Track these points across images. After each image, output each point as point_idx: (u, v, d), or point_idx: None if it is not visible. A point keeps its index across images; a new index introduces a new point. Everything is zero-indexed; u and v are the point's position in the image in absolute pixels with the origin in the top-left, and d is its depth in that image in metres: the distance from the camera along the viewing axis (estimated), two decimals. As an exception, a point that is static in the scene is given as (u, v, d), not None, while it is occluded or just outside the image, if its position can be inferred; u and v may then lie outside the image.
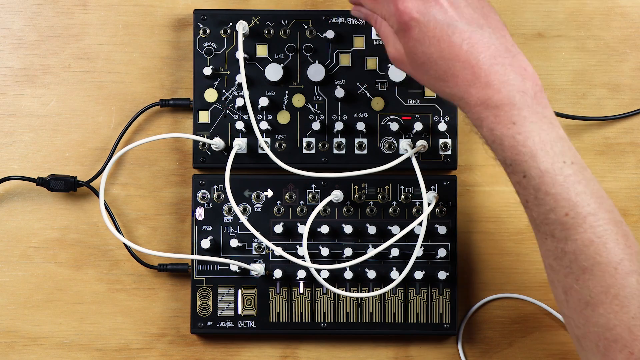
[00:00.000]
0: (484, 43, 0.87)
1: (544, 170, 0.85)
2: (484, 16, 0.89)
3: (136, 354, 1.11)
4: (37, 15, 1.12)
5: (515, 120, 0.85)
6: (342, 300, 1.09)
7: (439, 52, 0.87)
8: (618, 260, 0.84)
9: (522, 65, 0.87)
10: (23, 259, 1.11)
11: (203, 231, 1.09)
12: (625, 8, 1.12)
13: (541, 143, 0.85)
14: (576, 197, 0.85)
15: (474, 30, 0.87)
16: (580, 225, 0.85)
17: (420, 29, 0.88)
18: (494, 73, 0.86)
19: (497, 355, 1.12)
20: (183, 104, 1.10)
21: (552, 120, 0.87)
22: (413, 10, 0.88)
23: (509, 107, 0.86)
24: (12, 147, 1.11)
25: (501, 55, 0.87)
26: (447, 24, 0.87)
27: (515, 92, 0.86)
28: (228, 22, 1.10)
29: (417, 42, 0.88)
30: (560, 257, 0.86)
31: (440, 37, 0.87)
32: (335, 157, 1.09)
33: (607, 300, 0.84)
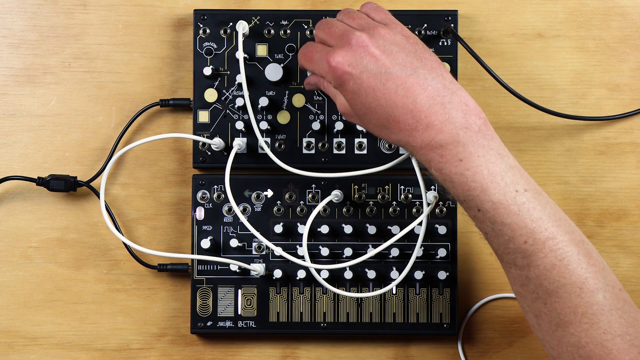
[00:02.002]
0: (420, 85, 0.87)
1: (497, 202, 0.85)
2: (418, 58, 0.89)
3: (136, 354, 1.11)
4: (37, 15, 1.12)
5: (462, 157, 0.86)
6: (342, 300, 1.09)
7: (376, 101, 0.88)
8: (582, 279, 0.85)
9: (463, 100, 0.87)
10: (23, 259, 1.11)
11: (203, 231, 1.09)
12: (625, 8, 1.12)
13: (490, 176, 0.86)
14: (532, 223, 0.85)
15: (409, 75, 0.87)
16: (540, 251, 0.85)
17: (354, 81, 0.89)
18: (433, 114, 0.86)
19: (497, 355, 1.12)
20: (183, 104, 1.10)
21: (499, 151, 0.87)
22: (345, 64, 0.89)
23: (453, 146, 0.86)
24: (12, 147, 1.11)
25: (439, 94, 0.87)
26: (380, 73, 0.88)
27: (458, 130, 0.86)
28: (228, 22, 1.10)
29: (354, 94, 0.89)
30: (526, 284, 0.87)
31: (375, 87, 0.88)
32: (335, 157, 1.09)
33: (576, 319, 0.85)
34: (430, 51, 0.91)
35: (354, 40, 0.89)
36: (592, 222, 1.11)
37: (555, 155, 1.11)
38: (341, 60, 0.89)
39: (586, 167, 1.11)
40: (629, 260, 1.11)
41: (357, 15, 0.94)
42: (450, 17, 1.09)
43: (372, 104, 0.88)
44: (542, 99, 1.11)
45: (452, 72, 1.09)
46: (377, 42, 0.89)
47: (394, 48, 0.89)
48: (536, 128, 1.11)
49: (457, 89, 0.88)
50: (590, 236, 1.11)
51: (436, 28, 1.09)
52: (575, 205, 1.11)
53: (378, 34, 0.90)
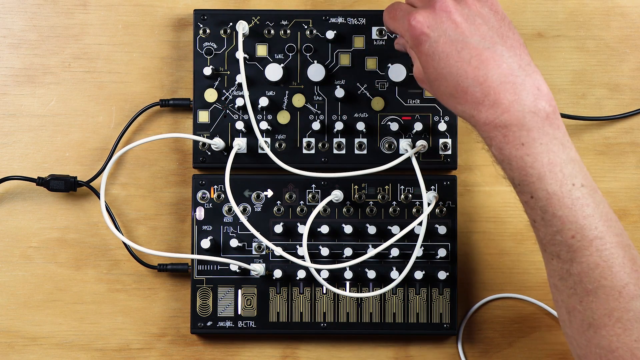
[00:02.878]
0: (495, 60, 0.86)
1: (552, 193, 0.85)
2: (499, 34, 0.88)
3: (136, 354, 1.11)
4: (37, 15, 1.12)
5: (524, 141, 0.85)
6: (342, 300, 1.09)
7: (448, 67, 0.87)
8: (623, 284, 0.84)
9: (536, 84, 0.86)
10: (23, 259, 1.11)
11: (203, 231, 1.09)
12: (625, 8, 1.12)
13: (550, 165, 0.85)
14: (584, 220, 0.85)
15: (486, 48, 0.86)
16: (587, 248, 0.85)
17: (430, 44, 0.88)
18: (503, 91, 0.85)
19: (497, 355, 1.12)
20: (183, 104, 1.10)
21: (563, 141, 0.86)
22: (424, 24, 0.88)
23: (517, 128, 0.85)
24: (12, 147, 1.11)
25: (513, 73, 0.86)
26: (457, 40, 0.87)
27: (525, 113, 0.85)
28: (228, 22, 1.10)
29: (428, 57, 0.88)
30: (565, 278, 0.86)
31: (449, 53, 0.87)
32: (335, 157, 1.09)
33: (610, 322, 0.84)
34: (515, 30, 0.89)
35: (439, 3, 0.88)
36: (592, 222, 1.11)
37: (555, 155, 1.11)
38: (421, 20, 0.88)
39: (586, 167, 1.11)
40: (629, 260, 1.11)
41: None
42: (450, 17, 1.09)
43: (444, 70, 0.87)
44: (542, 99, 1.11)
45: (452, 72, 1.09)
46: (462, 10, 0.88)
47: (478, 19, 0.88)
48: (536, 128, 1.11)
49: (533, 71, 0.87)
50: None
51: (436, 28, 1.09)
52: (575, 205, 1.11)
53: (465, 2, 0.89)
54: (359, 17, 1.10)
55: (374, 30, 1.10)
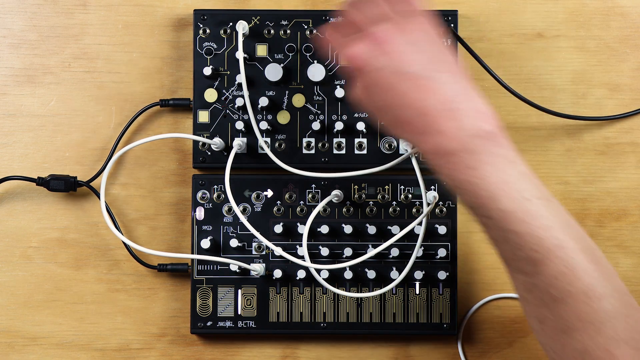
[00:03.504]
0: (435, 90, 0.85)
1: (507, 210, 0.84)
2: (437, 60, 0.87)
3: (136, 354, 1.11)
4: (37, 15, 1.12)
5: (472, 165, 0.84)
6: (342, 300, 1.09)
7: (390, 99, 0.86)
8: (590, 287, 0.84)
9: (476, 107, 0.86)
10: (23, 259, 1.11)
11: (203, 231, 1.09)
12: (625, 8, 1.12)
13: (501, 184, 0.84)
14: (542, 232, 0.84)
15: (424, 77, 0.86)
16: (549, 259, 0.84)
17: (369, 76, 0.87)
18: (445, 120, 0.85)
19: (497, 355, 1.12)
20: (183, 104, 1.10)
21: (511, 158, 0.85)
22: (360, 58, 0.87)
23: (463, 153, 0.84)
24: (12, 147, 1.11)
25: (453, 100, 0.85)
26: (396, 71, 0.86)
27: (469, 137, 0.84)
28: (228, 22, 1.10)
29: (368, 89, 0.87)
30: (532, 290, 0.86)
31: (389, 85, 0.86)
32: (335, 157, 1.09)
33: (582, 326, 0.84)
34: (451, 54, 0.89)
35: (379, 33, 0.87)
36: (592, 222, 1.11)
37: (555, 155, 1.11)
38: (358, 54, 0.87)
39: (586, 167, 1.11)
40: (629, 260, 1.11)
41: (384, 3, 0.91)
42: (450, 17, 1.09)
43: (385, 101, 0.87)
44: (542, 99, 1.11)
45: (452, 72, 1.09)
46: (398, 39, 0.87)
47: (415, 46, 0.87)
48: (536, 128, 1.11)
49: (472, 95, 0.86)
50: (590, 236, 1.11)
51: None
52: (575, 205, 1.11)
53: (400, 29, 0.87)
54: (359, 17, 1.09)
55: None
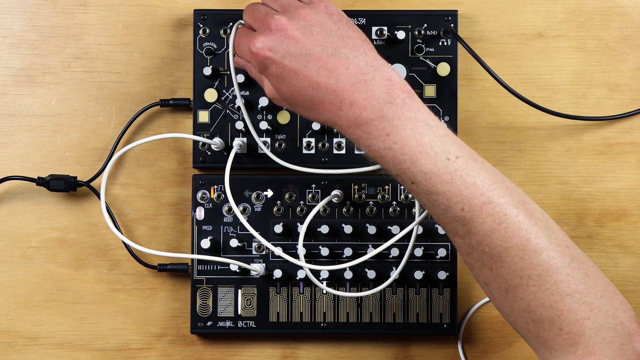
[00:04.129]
0: (342, 64, 0.87)
1: (429, 172, 0.85)
2: (340, 37, 0.90)
3: (136, 354, 1.11)
4: (37, 15, 1.12)
5: (388, 131, 0.86)
6: (342, 300, 1.09)
7: (299, 83, 0.88)
8: (524, 241, 0.85)
9: (386, 76, 0.88)
10: (23, 259, 1.11)
11: (203, 231, 1.09)
12: (625, 8, 1.12)
13: (419, 146, 0.86)
14: (466, 190, 0.85)
15: (330, 54, 0.88)
16: (478, 217, 0.85)
17: (276, 65, 0.89)
18: (356, 92, 0.87)
19: (497, 355, 1.12)
20: (183, 104, 1.11)
21: (427, 121, 0.87)
22: (265, 49, 0.89)
23: (378, 121, 0.86)
24: (12, 147, 1.12)
25: (362, 72, 0.87)
26: (301, 55, 0.88)
27: (382, 105, 0.86)
28: (228, 22, 1.10)
29: (278, 78, 0.89)
30: (470, 252, 0.87)
31: (297, 70, 0.88)
32: (335, 157, 1.09)
33: (522, 282, 0.85)
34: (355, 27, 0.91)
35: (273, 24, 0.89)
36: (592, 222, 1.11)
37: (555, 155, 1.11)
38: (261, 46, 0.89)
39: (586, 167, 1.11)
40: (629, 260, 1.11)
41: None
42: (450, 17, 1.09)
43: (296, 87, 0.89)
44: (542, 99, 1.11)
45: (452, 72, 1.09)
46: (297, 24, 0.89)
47: (315, 28, 0.89)
48: (536, 128, 1.11)
49: (380, 65, 0.88)
50: (590, 236, 1.11)
51: (436, 28, 1.09)
52: (575, 205, 1.11)
53: (298, 14, 0.90)
54: (359, 17, 1.10)
55: (374, 30, 1.10)
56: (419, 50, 1.09)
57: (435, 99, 1.09)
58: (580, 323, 0.84)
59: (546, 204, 1.11)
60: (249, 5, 0.95)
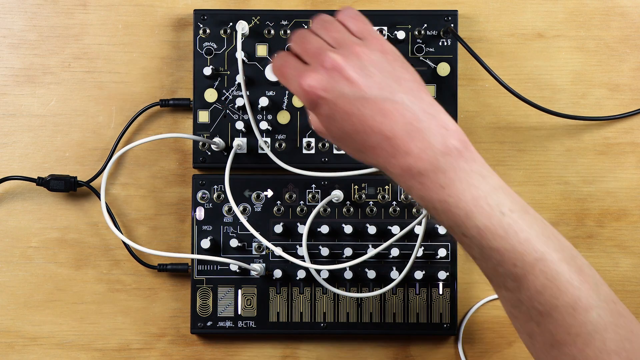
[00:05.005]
0: (397, 110, 0.83)
1: (483, 227, 0.82)
2: (396, 79, 0.84)
3: (136, 354, 1.11)
4: (37, 15, 1.12)
5: (443, 183, 0.82)
6: (342, 300, 1.09)
7: (352, 126, 0.84)
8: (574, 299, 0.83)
9: (442, 124, 0.83)
10: (23, 259, 1.11)
11: (203, 231, 1.09)
12: (625, 8, 1.12)
13: (474, 200, 0.82)
14: (520, 246, 0.82)
15: (386, 99, 0.83)
16: (530, 273, 0.83)
17: (329, 106, 0.84)
18: (412, 140, 0.82)
19: (497, 355, 1.12)
20: (183, 104, 1.11)
21: (482, 172, 0.83)
22: (318, 88, 0.83)
23: (433, 173, 0.82)
24: (12, 147, 1.11)
25: (418, 119, 0.83)
26: (356, 97, 0.83)
27: (437, 156, 0.82)
28: (228, 22, 1.10)
29: (328, 118, 0.84)
30: (518, 306, 0.85)
31: (350, 112, 0.83)
32: (335, 157, 1.09)
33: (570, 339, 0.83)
34: (410, 68, 0.86)
35: (328, 61, 0.84)
36: (592, 222, 1.11)
37: (555, 155, 1.11)
38: (315, 84, 0.84)
39: (586, 167, 1.11)
40: (629, 260, 1.11)
41: (333, 26, 0.88)
42: (450, 17, 1.09)
43: (347, 129, 0.84)
44: (542, 99, 1.11)
45: (452, 72, 1.09)
46: (353, 64, 0.84)
47: (371, 69, 0.84)
48: (536, 128, 1.11)
49: (436, 111, 0.84)
50: (590, 236, 1.11)
51: (436, 28, 1.09)
52: (575, 205, 1.11)
53: (354, 53, 0.85)
54: (359, 17, 1.09)
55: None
56: (419, 50, 1.09)
57: (435, 99, 1.09)
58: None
59: (546, 204, 1.11)
60: (298, 32, 0.88)
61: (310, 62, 0.86)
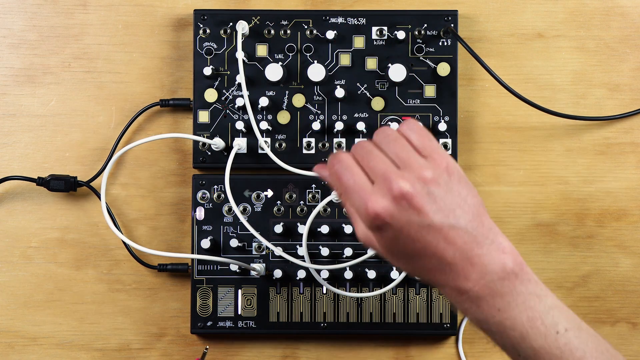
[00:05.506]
0: (461, 237, 0.83)
1: (538, 348, 0.83)
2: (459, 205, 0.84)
3: (136, 354, 1.11)
4: (37, 15, 1.12)
5: (500, 307, 0.83)
6: (342, 300, 1.09)
7: (415, 251, 0.84)
8: None
9: (500, 248, 0.84)
10: (23, 259, 1.11)
11: (203, 231, 1.09)
12: (625, 8, 1.12)
13: (530, 322, 0.83)
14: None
15: (451, 227, 0.83)
16: None
17: (393, 231, 0.83)
18: (471, 266, 0.83)
19: (497, 355, 1.12)
20: (183, 104, 1.10)
21: (538, 293, 0.84)
22: (385, 214, 0.82)
23: (491, 297, 0.83)
24: (12, 147, 1.11)
25: (478, 244, 0.83)
26: (422, 225, 0.83)
27: (495, 281, 0.83)
28: (228, 22, 1.10)
29: (390, 241, 0.84)
30: None
31: (414, 238, 0.83)
32: (335, 157, 1.09)
33: None
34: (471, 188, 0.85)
35: (396, 189, 0.82)
36: (592, 222, 1.11)
37: (555, 155, 1.11)
38: (382, 211, 0.82)
39: (586, 167, 1.11)
40: (629, 260, 1.11)
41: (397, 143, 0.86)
42: (450, 17, 1.09)
43: (409, 252, 0.84)
44: (542, 99, 1.11)
45: (452, 72, 1.09)
46: (422, 192, 0.83)
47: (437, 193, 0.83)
48: (536, 128, 1.11)
49: (495, 235, 0.84)
50: (590, 236, 1.11)
51: (436, 28, 1.09)
52: (575, 205, 1.11)
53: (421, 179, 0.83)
54: (359, 17, 1.10)
55: (374, 30, 1.10)
56: (419, 50, 1.09)
57: (435, 99, 1.09)
58: None
59: (546, 204, 1.11)
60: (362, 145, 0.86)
61: (375, 180, 0.84)
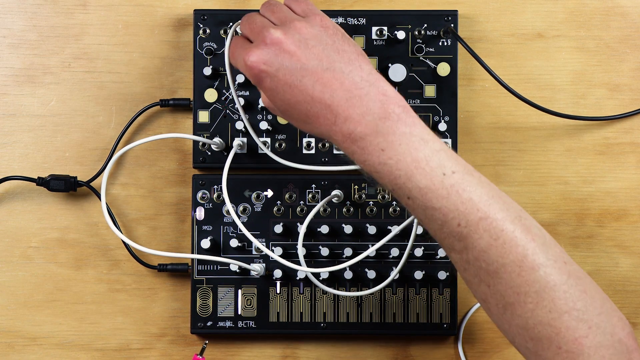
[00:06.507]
0: (337, 79, 0.87)
1: (424, 188, 0.85)
2: (335, 50, 0.89)
3: (136, 354, 1.11)
4: (37, 15, 1.12)
5: (383, 147, 0.86)
6: (342, 300, 1.09)
7: (294, 97, 0.88)
8: (521, 257, 0.84)
9: (381, 91, 0.87)
10: (23, 259, 1.11)
11: (203, 231, 1.09)
12: (625, 8, 1.12)
13: (414, 162, 0.85)
14: (463, 205, 0.84)
15: (325, 69, 0.88)
16: (475, 232, 0.84)
17: (271, 79, 0.89)
18: (351, 107, 0.86)
19: (497, 355, 1.12)
20: (183, 104, 1.11)
21: (423, 136, 0.86)
22: (260, 62, 0.88)
23: (373, 137, 0.86)
24: (12, 147, 1.12)
25: (357, 87, 0.87)
26: (296, 69, 0.88)
27: (377, 120, 0.86)
28: (228, 22, 1.10)
29: (272, 91, 0.89)
30: (467, 268, 0.86)
31: (291, 83, 0.88)
32: (335, 157, 1.09)
33: (520, 299, 0.84)
34: (350, 41, 0.91)
35: (269, 37, 0.89)
36: (592, 222, 1.11)
37: (555, 155, 1.11)
38: (256, 60, 0.89)
39: (586, 167, 1.11)
40: (629, 260, 1.11)
41: (277, 8, 0.94)
42: (450, 17, 1.09)
43: (290, 100, 0.89)
44: (542, 99, 1.11)
45: (452, 72, 1.09)
46: (293, 37, 0.89)
47: (311, 42, 0.89)
48: (536, 128, 1.11)
49: (375, 79, 0.88)
50: (590, 236, 1.11)
51: (436, 28, 1.09)
52: (575, 205, 1.11)
53: (294, 28, 0.90)
54: (359, 17, 1.10)
55: (374, 30, 1.10)
56: (419, 50, 1.10)
57: (435, 99, 1.10)
58: (578, 341, 0.83)
59: (546, 204, 1.11)
60: (246, 15, 0.94)
61: (254, 39, 0.91)
